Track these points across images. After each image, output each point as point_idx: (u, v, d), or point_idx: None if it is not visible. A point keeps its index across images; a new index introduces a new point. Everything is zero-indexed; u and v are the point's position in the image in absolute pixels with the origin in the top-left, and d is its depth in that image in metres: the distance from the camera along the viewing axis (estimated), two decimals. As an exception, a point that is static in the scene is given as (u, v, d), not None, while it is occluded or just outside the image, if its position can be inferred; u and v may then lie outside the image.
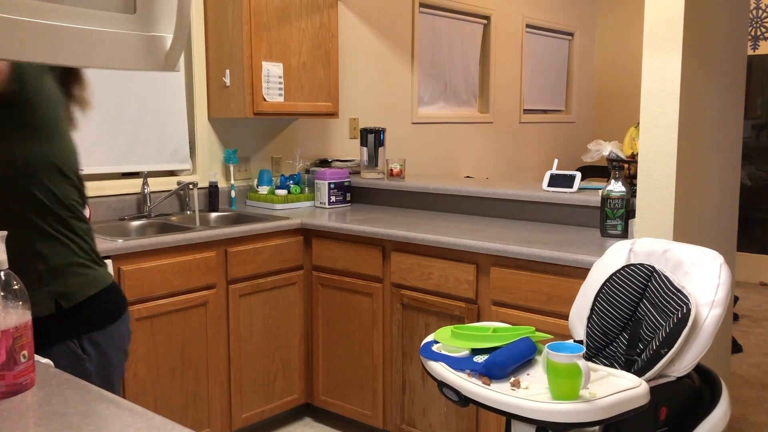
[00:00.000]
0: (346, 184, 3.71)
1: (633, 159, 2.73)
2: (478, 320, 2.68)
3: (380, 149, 3.87)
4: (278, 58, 3.45)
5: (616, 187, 2.64)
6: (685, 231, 2.46)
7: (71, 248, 1.54)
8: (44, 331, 1.44)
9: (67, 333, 1.50)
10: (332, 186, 3.64)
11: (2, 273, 1.19)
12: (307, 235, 3.24)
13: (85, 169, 3.10)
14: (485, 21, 5.40)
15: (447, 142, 5.11)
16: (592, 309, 1.92)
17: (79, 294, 1.52)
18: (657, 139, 2.37)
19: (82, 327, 1.51)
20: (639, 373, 1.71)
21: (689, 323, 1.67)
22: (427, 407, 2.88)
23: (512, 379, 1.61)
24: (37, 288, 1.46)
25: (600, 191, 2.74)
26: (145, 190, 3.25)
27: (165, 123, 3.41)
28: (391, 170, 3.79)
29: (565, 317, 2.11)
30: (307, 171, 3.92)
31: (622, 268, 1.90)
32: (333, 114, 3.78)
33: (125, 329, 1.64)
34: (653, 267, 1.85)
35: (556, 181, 3.10)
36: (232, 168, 3.60)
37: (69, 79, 1.73)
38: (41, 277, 1.49)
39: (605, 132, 6.32)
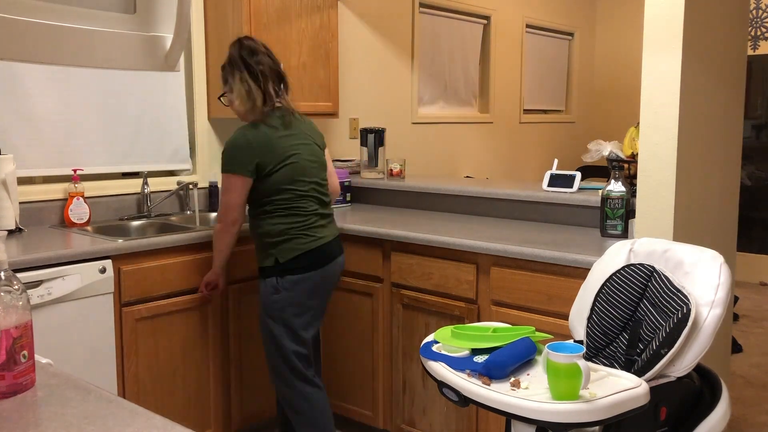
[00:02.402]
0: (346, 184, 3.71)
1: (633, 159, 2.73)
2: (478, 320, 2.68)
3: (380, 149, 3.87)
4: (278, 58, 3.45)
5: (616, 187, 2.64)
6: (685, 231, 2.46)
7: (284, 224, 2.56)
8: (266, 271, 2.60)
9: (274, 273, 2.58)
10: (332, 186, 3.63)
11: (2, 273, 1.19)
12: (307, 235, 3.24)
13: (85, 169, 3.12)
14: (485, 21, 5.40)
15: (447, 142, 5.11)
16: (592, 309, 1.92)
17: (284, 256, 2.56)
18: (657, 139, 2.37)
19: (281, 272, 2.56)
20: (639, 373, 1.71)
21: (689, 323, 1.67)
22: (427, 407, 2.88)
23: (512, 379, 1.61)
24: (266, 251, 2.59)
25: (600, 191, 2.74)
26: (145, 190, 3.25)
27: (165, 123, 3.41)
28: (391, 170, 3.79)
29: (565, 317, 2.11)
30: (307, 171, 3.92)
31: (622, 268, 1.90)
32: (333, 114, 3.78)
33: (307, 285, 2.58)
34: (653, 267, 1.85)
35: (556, 181, 3.10)
36: (232, 168, 3.60)
37: (281, 87, 2.67)
38: (268, 245, 2.58)
39: (605, 132, 6.32)
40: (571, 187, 3.04)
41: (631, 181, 2.70)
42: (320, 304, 2.69)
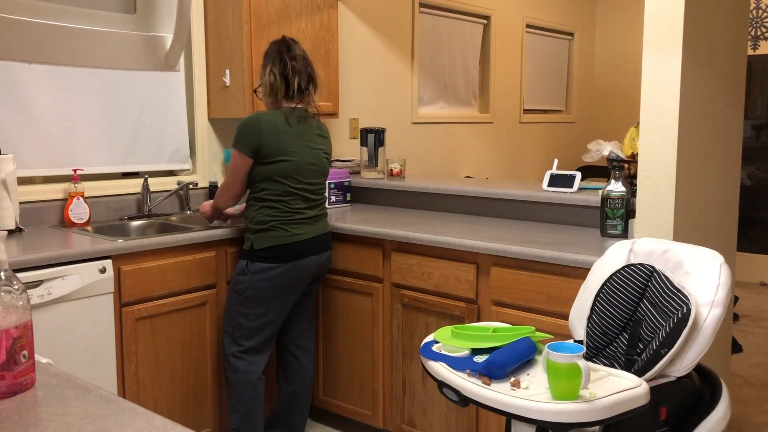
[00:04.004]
0: (346, 184, 3.71)
1: (633, 159, 2.73)
2: (478, 320, 2.68)
3: (380, 149, 3.87)
4: (278, 58, 3.45)
5: (616, 187, 2.64)
6: (685, 231, 2.46)
7: (267, 215, 2.71)
8: (243, 253, 2.77)
9: (247, 256, 2.75)
10: (332, 186, 3.64)
11: (2, 273, 1.19)
12: (307, 235, 3.24)
13: (85, 169, 3.12)
14: (485, 21, 5.40)
15: (447, 142, 5.11)
16: (592, 309, 1.92)
17: (259, 244, 2.72)
18: (657, 139, 2.37)
19: (252, 257, 2.73)
20: (639, 373, 1.71)
21: (689, 323, 1.67)
22: (427, 407, 2.88)
23: (512, 379, 1.61)
24: (247, 234, 2.76)
25: (600, 191, 2.74)
26: (145, 190, 3.25)
27: (165, 123, 3.41)
28: (391, 170, 3.79)
29: (565, 317, 2.11)
30: (307, 171, 3.92)
31: (622, 268, 1.90)
32: (333, 114, 3.78)
33: (272, 275, 2.70)
34: (653, 267, 1.86)
35: (556, 181, 3.10)
36: (232, 168, 3.60)
37: (309, 87, 2.81)
38: (250, 230, 2.74)
39: (605, 132, 6.33)
40: (571, 187, 3.05)
41: (631, 181, 2.70)
42: (281, 305, 2.79)
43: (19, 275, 1.75)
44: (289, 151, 2.70)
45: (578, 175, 3.09)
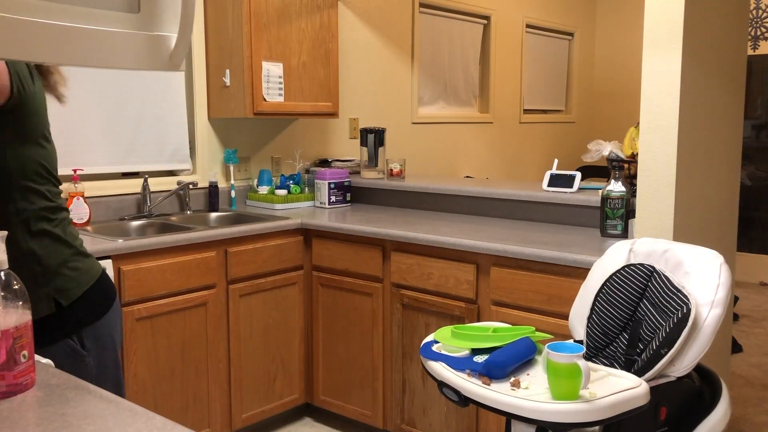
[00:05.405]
0: (346, 184, 3.71)
1: (633, 159, 2.73)
2: (478, 320, 2.68)
3: (380, 149, 3.87)
4: (278, 58, 3.45)
5: (616, 187, 2.64)
6: (685, 231, 2.46)
7: (61, 245, 1.57)
8: (45, 331, 1.50)
9: (69, 330, 1.55)
10: (332, 186, 3.64)
11: (2, 273, 1.19)
12: (307, 235, 3.24)
13: (85, 169, 3.12)
14: (485, 21, 5.40)
15: (447, 142, 5.11)
16: (592, 309, 1.92)
17: (75, 290, 1.56)
18: (657, 139, 2.37)
19: (82, 322, 1.56)
20: (639, 373, 1.71)
21: (689, 323, 1.67)
22: (427, 407, 2.88)
23: (512, 379, 1.61)
24: (34, 289, 1.48)
25: (600, 191, 2.74)
26: (145, 190, 3.25)
27: (165, 123, 3.41)
28: (391, 170, 3.79)
29: (565, 317, 2.11)
30: (307, 171, 3.92)
31: (622, 268, 1.90)
32: (333, 114, 3.78)
33: (118, 314, 1.69)
34: (653, 267, 1.85)
35: (556, 181, 3.10)
36: (232, 168, 3.61)
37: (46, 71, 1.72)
38: (37, 278, 1.52)
39: (605, 132, 6.32)
40: (571, 187, 3.04)
41: (631, 181, 2.70)
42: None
43: (19, 275, 1.75)
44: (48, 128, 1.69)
45: (578, 175, 3.09)
